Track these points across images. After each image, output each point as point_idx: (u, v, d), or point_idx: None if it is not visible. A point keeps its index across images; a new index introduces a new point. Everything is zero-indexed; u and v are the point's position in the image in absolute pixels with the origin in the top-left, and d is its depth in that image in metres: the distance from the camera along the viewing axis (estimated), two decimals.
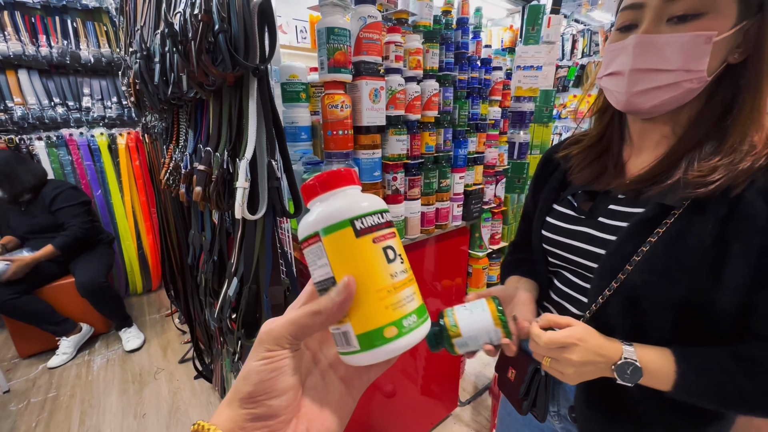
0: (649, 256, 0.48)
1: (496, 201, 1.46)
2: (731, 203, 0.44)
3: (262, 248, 0.90)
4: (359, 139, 0.96)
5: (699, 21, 0.43)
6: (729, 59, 0.46)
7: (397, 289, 0.25)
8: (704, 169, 0.45)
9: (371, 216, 0.26)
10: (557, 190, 0.66)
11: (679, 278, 0.46)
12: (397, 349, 0.25)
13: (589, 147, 0.62)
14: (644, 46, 0.47)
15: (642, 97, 0.49)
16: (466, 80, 1.19)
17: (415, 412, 1.55)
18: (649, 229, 0.48)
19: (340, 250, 0.25)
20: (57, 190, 2.09)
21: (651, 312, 0.49)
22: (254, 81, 0.78)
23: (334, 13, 0.83)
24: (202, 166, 0.92)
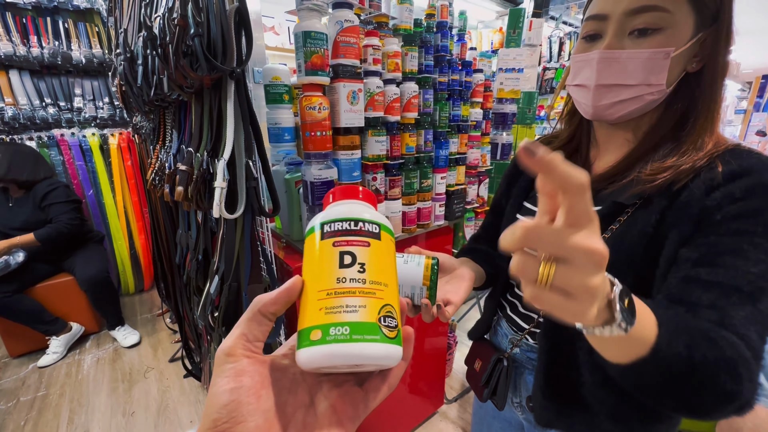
0: None
1: (479, 201, 1.48)
2: (673, 195, 0.46)
3: (242, 247, 0.92)
4: (338, 140, 0.98)
5: (658, 36, 0.46)
6: (687, 68, 0.48)
7: (338, 295, 0.24)
8: (655, 169, 0.48)
9: (341, 222, 0.26)
10: (528, 187, 0.69)
11: (626, 270, 0.48)
12: (319, 357, 0.23)
13: (559, 148, 0.64)
14: (607, 62, 0.49)
15: (608, 109, 0.52)
16: (446, 82, 1.21)
17: (401, 409, 1.57)
18: (604, 225, 0.51)
19: (306, 250, 0.27)
20: (50, 187, 2.11)
21: None
22: (231, 83, 0.80)
23: (310, 17, 0.86)
24: (184, 166, 0.93)
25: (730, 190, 0.42)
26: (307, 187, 0.97)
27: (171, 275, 1.77)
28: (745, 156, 0.45)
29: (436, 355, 1.61)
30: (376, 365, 0.25)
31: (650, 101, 0.50)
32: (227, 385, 0.23)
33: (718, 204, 0.43)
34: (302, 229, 1.13)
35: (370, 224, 0.27)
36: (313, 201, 0.97)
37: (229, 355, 0.24)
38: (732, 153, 0.45)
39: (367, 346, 0.23)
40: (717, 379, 0.34)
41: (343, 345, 0.23)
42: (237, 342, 0.24)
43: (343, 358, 0.23)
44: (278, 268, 1.12)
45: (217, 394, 0.23)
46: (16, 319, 1.98)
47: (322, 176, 0.95)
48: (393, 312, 0.25)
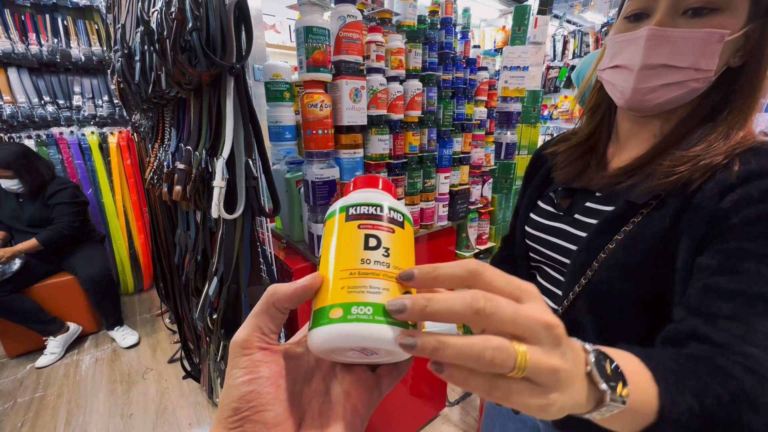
0: (613, 253, 0.48)
1: (483, 201, 1.46)
2: (688, 196, 0.44)
3: (241, 248, 0.90)
4: (340, 138, 0.96)
5: (714, 17, 0.42)
6: (730, 62, 0.46)
7: (362, 275, 0.23)
8: (677, 159, 0.45)
9: (368, 206, 0.26)
10: (542, 186, 0.67)
11: (639, 273, 0.46)
12: (337, 335, 0.22)
13: (576, 145, 0.62)
14: (658, 40, 0.45)
15: (649, 94, 0.48)
16: (450, 80, 1.18)
17: (403, 411, 1.55)
18: (617, 226, 0.49)
19: (330, 231, 0.26)
20: (61, 186, 2.12)
21: (617, 308, 0.49)
22: (231, 80, 0.78)
23: (312, 12, 0.83)
24: (182, 165, 0.91)
25: (748, 191, 0.40)
26: (308, 186, 0.94)
27: (170, 275, 1.75)
28: (766, 155, 0.42)
29: None
30: (390, 352, 0.23)
31: (692, 89, 0.46)
32: (244, 376, 0.23)
33: (734, 206, 0.40)
34: (303, 229, 1.11)
35: (396, 212, 0.27)
36: (314, 201, 0.94)
37: (245, 347, 0.24)
38: (755, 152, 0.43)
39: (388, 329, 0.22)
40: (740, 418, 0.30)
41: (365, 325, 0.22)
42: (252, 334, 0.24)
43: (364, 339, 0.22)
44: (278, 269, 1.09)
45: (235, 385, 0.23)
46: (12, 319, 1.96)
47: (324, 176, 0.93)
48: None
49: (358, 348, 0.23)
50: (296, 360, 0.26)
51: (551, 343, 0.21)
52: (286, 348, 0.26)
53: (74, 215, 2.13)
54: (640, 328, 0.49)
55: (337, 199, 0.31)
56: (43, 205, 2.08)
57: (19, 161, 1.97)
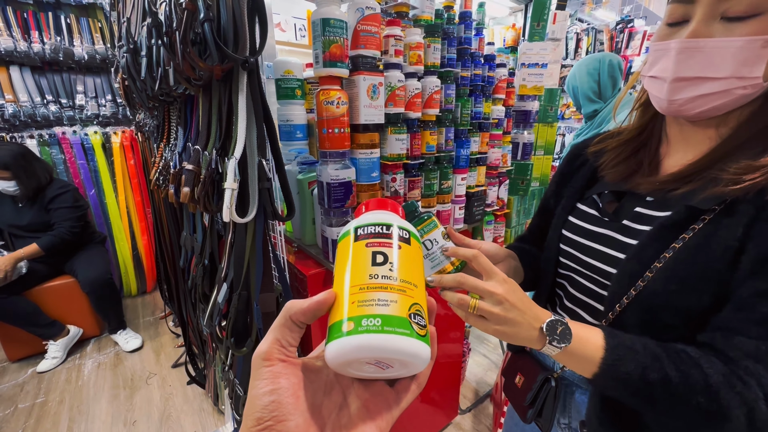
0: (671, 263, 0.44)
1: (499, 203, 1.41)
2: (761, 205, 0.40)
3: (253, 253, 0.85)
4: (356, 137, 0.91)
5: (755, 22, 0.38)
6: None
7: (370, 289, 0.25)
8: (744, 167, 0.41)
9: (374, 226, 0.28)
10: (583, 188, 0.62)
11: (702, 286, 0.42)
12: (350, 347, 0.23)
13: (627, 141, 0.58)
14: (689, 52, 0.42)
15: (686, 104, 0.45)
16: (468, 77, 1.13)
17: (415, 420, 1.50)
18: (674, 233, 0.44)
19: (341, 252, 0.29)
20: (61, 190, 2.06)
21: (672, 324, 0.45)
22: (244, 75, 0.73)
23: (329, 4, 0.78)
24: (190, 166, 0.86)
25: None
26: (322, 188, 0.89)
27: (174, 278, 1.70)
28: None
29: (450, 363, 1.54)
30: (404, 364, 0.25)
31: (741, 96, 0.42)
32: (266, 387, 0.24)
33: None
34: (315, 233, 1.06)
35: (401, 230, 0.29)
36: (329, 203, 0.89)
37: (266, 359, 0.24)
38: None
39: (398, 339, 0.23)
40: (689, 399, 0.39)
41: (375, 336, 0.23)
42: (272, 347, 0.25)
43: (374, 350, 0.23)
44: (290, 275, 1.05)
45: (257, 396, 0.23)
46: (11, 322, 1.92)
47: (340, 177, 0.88)
48: (422, 312, 0.26)
49: (371, 359, 0.24)
50: (315, 373, 0.27)
51: (493, 301, 0.42)
52: (306, 361, 0.27)
53: (75, 220, 2.09)
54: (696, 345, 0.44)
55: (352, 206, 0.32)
56: (42, 209, 2.03)
57: (18, 162, 1.91)
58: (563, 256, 0.62)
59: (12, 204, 2.01)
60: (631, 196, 0.54)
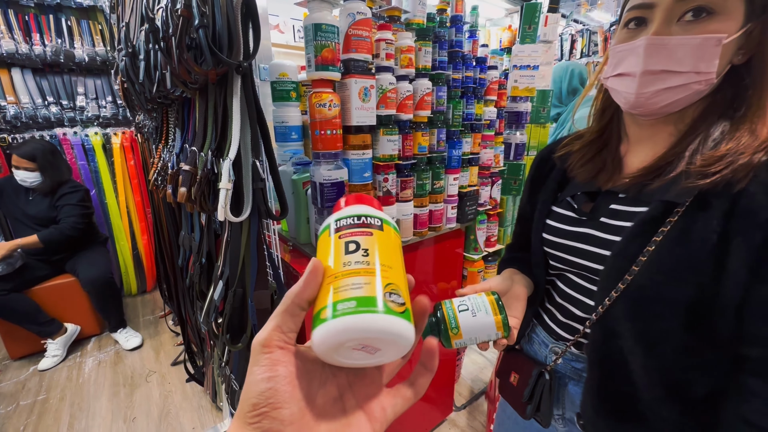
0: (655, 256, 0.46)
1: (492, 203, 1.43)
2: (734, 198, 0.43)
3: (248, 251, 0.87)
4: (349, 139, 0.93)
5: (709, 22, 0.43)
6: (733, 60, 0.46)
7: (344, 276, 0.26)
8: (708, 159, 0.44)
9: (347, 218, 0.29)
10: (555, 191, 0.65)
11: (686, 277, 0.44)
12: (328, 332, 0.24)
13: (590, 142, 0.61)
14: (656, 48, 0.46)
15: (653, 98, 0.48)
16: (460, 79, 1.16)
17: (410, 416, 1.52)
18: (653, 228, 0.47)
19: (320, 246, 0.30)
20: (72, 189, 2.14)
21: (659, 315, 0.47)
22: (238, 79, 0.76)
23: (321, 9, 0.81)
24: (187, 167, 0.89)
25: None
26: (315, 188, 0.92)
27: (174, 277, 1.73)
28: None
29: (445, 360, 1.56)
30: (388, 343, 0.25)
31: (696, 91, 0.46)
32: (264, 374, 0.24)
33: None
34: (309, 232, 1.09)
35: (372, 218, 0.30)
36: (322, 203, 0.92)
37: (265, 345, 0.25)
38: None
39: (373, 317, 0.24)
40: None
41: (351, 317, 0.23)
42: (272, 334, 0.25)
43: (352, 331, 0.23)
44: (285, 273, 1.07)
45: (254, 382, 0.24)
46: (10, 319, 1.95)
47: (332, 177, 0.90)
48: (398, 290, 0.26)
49: (352, 341, 0.24)
50: (312, 362, 0.27)
51: None
52: (304, 350, 0.27)
53: (79, 217, 2.13)
54: (681, 335, 0.46)
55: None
56: (52, 205, 2.10)
57: (45, 156, 2.01)
58: (550, 258, 0.64)
59: (24, 194, 2.09)
60: (605, 194, 0.56)
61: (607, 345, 0.52)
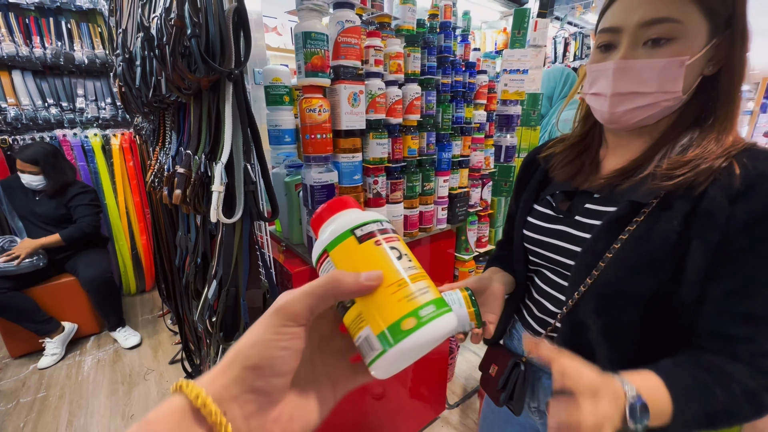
0: (620, 253, 0.49)
1: (483, 204, 1.46)
2: (695, 200, 0.45)
3: (240, 251, 0.90)
4: (339, 142, 0.96)
5: (672, 46, 0.46)
6: (704, 72, 0.49)
7: (408, 282, 0.25)
8: (674, 163, 0.47)
9: (369, 225, 0.28)
10: (537, 190, 0.68)
11: (648, 273, 0.47)
12: (419, 343, 0.24)
13: (572, 145, 0.65)
14: (623, 71, 0.49)
15: (625, 116, 0.52)
16: (449, 84, 1.19)
17: (403, 413, 1.55)
18: (621, 226, 0.50)
19: (345, 257, 0.27)
20: (83, 189, 2.22)
21: (622, 309, 0.50)
22: (230, 85, 0.79)
23: (311, 18, 0.84)
24: (182, 169, 0.92)
25: (754, 207, 0.42)
26: (306, 190, 0.95)
27: (171, 277, 1.76)
28: (762, 158, 0.44)
29: (437, 359, 1.59)
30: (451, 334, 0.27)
31: (666, 107, 0.50)
32: (282, 343, 0.24)
33: (746, 224, 0.42)
34: (302, 233, 1.12)
35: (387, 223, 0.29)
36: (312, 205, 0.95)
37: (292, 319, 0.24)
38: (748, 154, 0.45)
39: (451, 316, 0.25)
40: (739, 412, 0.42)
41: (437, 321, 0.24)
42: (303, 310, 0.25)
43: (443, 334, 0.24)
44: (278, 273, 1.10)
45: (269, 346, 0.24)
46: (9, 317, 1.98)
47: (323, 179, 0.93)
48: None
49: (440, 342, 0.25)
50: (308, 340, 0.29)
51: None
52: None
53: (95, 215, 2.22)
54: (644, 328, 0.50)
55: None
56: (61, 206, 2.16)
57: (47, 159, 2.06)
58: (529, 254, 0.67)
59: (31, 194, 2.15)
60: (581, 194, 0.60)
61: (576, 338, 0.55)
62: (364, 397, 1.37)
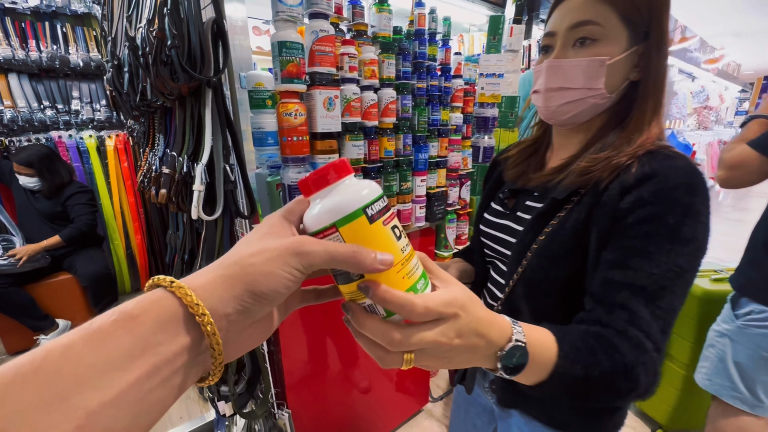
0: (543, 244, 0.55)
1: (462, 203, 1.52)
2: (599, 194, 0.51)
3: (221, 246, 0.96)
4: (316, 144, 1.02)
5: (595, 47, 0.52)
6: (630, 77, 0.55)
7: (407, 261, 0.30)
8: (590, 161, 0.53)
9: (376, 202, 0.29)
10: (494, 189, 0.75)
11: (562, 261, 0.53)
12: None
13: (524, 148, 0.72)
14: (554, 69, 0.56)
15: (557, 110, 0.58)
16: (425, 88, 1.24)
17: (387, 406, 1.61)
18: (546, 220, 0.56)
19: (357, 236, 0.28)
20: (80, 189, 2.29)
21: (546, 293, 0.56)
22: (209, 91, 0.85)
23: (286, 28, 0.90)
24: (167, 170, 0.98)
25: (641, 193, 0.47)
26: (285, 190, 1.00)
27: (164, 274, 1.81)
28: (659, 159, 0.49)
29: None
30: None
31: (593, 104, 0.55)
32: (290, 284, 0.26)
33: (630, 207, 0.47)
34: None
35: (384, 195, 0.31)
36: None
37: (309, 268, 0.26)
38: (650, 154, 0.50)
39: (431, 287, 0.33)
40: (614, 383, 0.42)
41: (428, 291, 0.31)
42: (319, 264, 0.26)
43: None
44: None
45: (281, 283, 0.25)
46: (7, 312, 2.04)
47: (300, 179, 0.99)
48: None
49: None
50: None
51: None
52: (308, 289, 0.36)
53: (92, 214, 2.29)
54: (562, 311, 0.55)
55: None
56: (57, 204, 2.23)
57: (42, 161, 2.12)
58: (484, 247, 0.73)
59: (30, 193, 2.22)
60: (524, 192, 0.66)
61: None
62: (349, 390, 1.42)
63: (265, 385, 1.13)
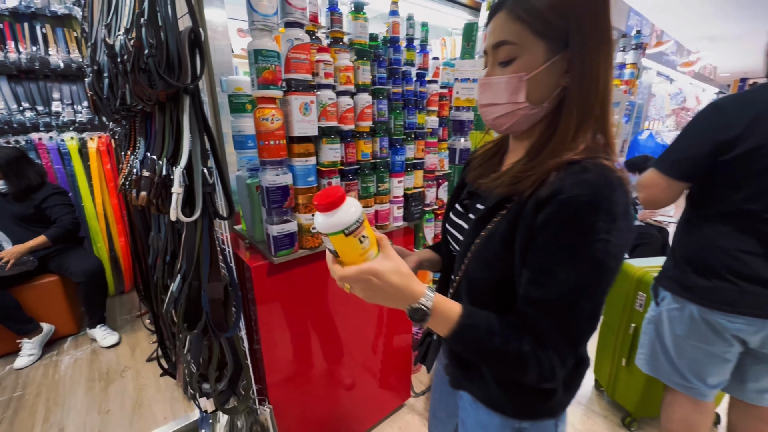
0: (478, 248, 0.60)
1: (439, 203, 1.57)
2: (522, 205, 0.55)
3: (201, 247, 0.99)
4: (293, 147, 1.06)
5: (514, 64, 0.55)
6: (561, 83, 0.55)
7: (366, 251, 0.50)
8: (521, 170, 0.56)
9: (353, 225, 0.48)
10: (459, 188, 0.80)
11: (494, 264, 0.58)
12: None
13: (485, 152, 0.75)
14: (483, 86, 0.60)
15: (495, 123, 0.62)
16: (401, 93, 1.29)
17: (369, 400, 1.65)
18: (483, 225, 0.61)
19: (337, 242, 0.49)
20: (55, 190, 2.27)
21: (481, 292, 0.62)
22: (187, 97, 0.88)
23: (262, 36, 0.93)
24: (147, 173, 1.00)
25: (549, 211, 0.50)
26: (263, 192, 1.04)
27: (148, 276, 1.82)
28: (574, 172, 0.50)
29: (401, 347, 1.69)
30: None
31: (524, 116, 0.58)
32: None
33: (540, 225, 0.51)
34: (263, 231, 1.21)
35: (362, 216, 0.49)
36: (269, 205, 1.04)
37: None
38: (566, 168, 0.51)
39: None
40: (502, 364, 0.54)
41: None
42: None
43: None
44: (239, 267, 1.19)
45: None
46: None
47: (277, 182, 1.03)
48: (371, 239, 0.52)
49: None
50: None
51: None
52: None
53: (72, 213, 2.29)
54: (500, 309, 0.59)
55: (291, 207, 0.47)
56: (30, 206, 2.20)
57: (8, 165, 2.09)
58: (448, 243, 0.78)
59: (2, 196, 2.20)
60: (477, 195, 0.70)
61: None
62: (332, 385, 1.46)
63: (247, 382, 1.16)
